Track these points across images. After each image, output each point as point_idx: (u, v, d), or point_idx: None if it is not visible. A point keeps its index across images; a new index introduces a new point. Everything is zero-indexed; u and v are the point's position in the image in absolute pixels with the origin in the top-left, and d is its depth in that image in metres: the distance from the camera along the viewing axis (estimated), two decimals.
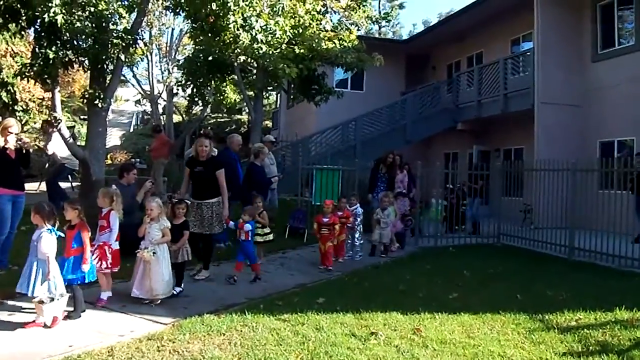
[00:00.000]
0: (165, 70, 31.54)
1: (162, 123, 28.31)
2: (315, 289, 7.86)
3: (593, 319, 6.55)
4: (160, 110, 31.38)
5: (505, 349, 5.34)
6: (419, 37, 25.55)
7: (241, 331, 5.59)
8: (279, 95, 30.51)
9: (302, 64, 14.16)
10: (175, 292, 6.94)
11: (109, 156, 24.77)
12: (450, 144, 22.98)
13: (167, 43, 31.98)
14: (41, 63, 10.01)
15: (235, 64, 14.52)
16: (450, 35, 22.85)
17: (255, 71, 16.37)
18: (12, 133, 7.36)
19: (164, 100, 30.91)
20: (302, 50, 14.21)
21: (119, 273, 6.79)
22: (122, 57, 10.75)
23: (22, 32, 11.27)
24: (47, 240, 5.60)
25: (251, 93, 17.01)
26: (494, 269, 9.83)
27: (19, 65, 11.13)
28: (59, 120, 10.75)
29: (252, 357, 4.87)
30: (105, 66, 10.60)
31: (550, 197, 12.15)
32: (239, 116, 36.31)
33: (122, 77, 27.55)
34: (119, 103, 44.50)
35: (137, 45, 11.63)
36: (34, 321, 5.56)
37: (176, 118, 32.58)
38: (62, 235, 5.85)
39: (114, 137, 35.70)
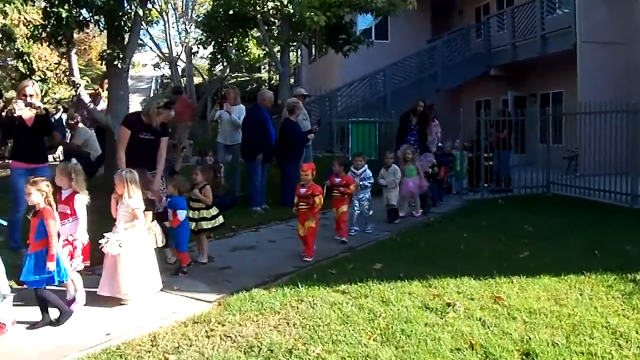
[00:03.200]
0: (182, 32, 30.62)
1: (183, 85, 27.53)
2: (367, 252, 7.19)
3: None
4: (180, 73, 30.57)
5: (606, 318, 4.60)
6: None
7: (297, 308, 4.92)
8: (298, 50, 29.53)
9: (329, 11, 13.24)
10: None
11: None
12: (482, 91, 21.93)
13: (183, 2, 30.92)
14: (54, 23, 9.21)
15: (259, 16, 13.62)
16: None
17: (279, 23, 15.46)
18: (27, 97, 6.50)
19: (183, 62, 30.06)
20: None
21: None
22: (140, 12, 9.86)
23: None
24: None
25: (276, 48, 16.12)
26: (554, 221, 9.08)
27: (30, 28, 10.26)
28: (78, 85, 10.03)
29: (317, 341, 4.19)
30: (122, 23, 9.73)
31: (599, 142, 11.32)
32: (258, 74, 35.45)
33: (140, 40, 26.83)
34: (137, 69, 43.64)
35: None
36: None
37: (196, 80, 31.80)
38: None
39: (134, 103, 34.94)
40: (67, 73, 11.71)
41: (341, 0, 13.62)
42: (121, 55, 9.81)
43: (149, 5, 10.66)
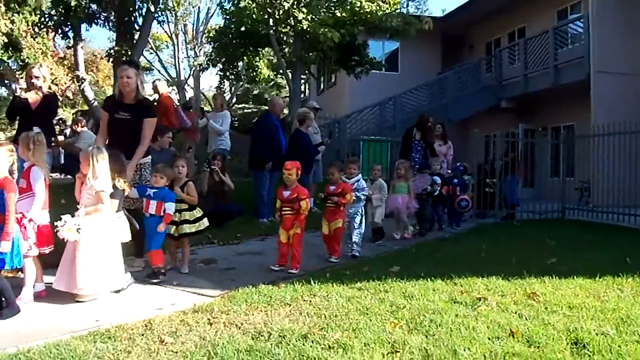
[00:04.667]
0: (191, 56, 30.62)
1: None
2: (381, 259, 6.67)
3: None
4: (187, 99, 30.55)
5: None
6: (456, 14, 23.99)
7: (310, 301, 4.43)
8: (306, 84, 29.41)
9: (343, 28, 13.01)
10: (123, 287, 4.85)
11: None
12: (491, 125, 21.45)
13: (193, 24, 31.11)
14: (62, 11, 8.89)
15: (271, 32, 13.40)
16: (489, 10, 21.32)
17: (291, 41, 15.26)
18: (32, 79, 6.13)
19: (191, 88, 29.97)
20: (343, 14, 13.04)
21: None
22: (152, 7, 9.51)
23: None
24: None
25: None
26: (577, 237, 8.63)
27: (36, 14, 9.81)
28: (82, 80, 9.70)
29: (335, 328, 3.71)
30: (132, 19, 9.42)
31: (614, 169, 10.96)
32: (265, 107, 35.39)
33: (147, 63, 26.61)
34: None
35: None
36: None
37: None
38: None
39: None
40: (72, 68, 11.38)
41: (355, 18, 13.42)
42: (129, 53, 9.48)
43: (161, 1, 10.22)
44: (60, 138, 10.04)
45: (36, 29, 14.71)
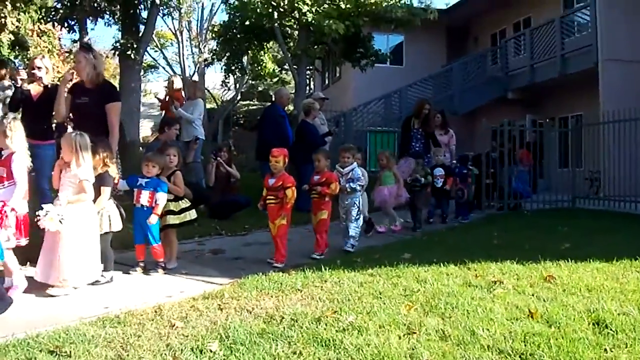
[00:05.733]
0: (195, 54, 30.59)
1: None
2: (391, 248, 6.53)
3: None
4: None
5: None
6: (460, 6, 23.86)
7: (322, 287, 4.36)
8: (311, 79, 29.33)
9: (348, 20, 12.94)
10: (101, 280, 4.65)
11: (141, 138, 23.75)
12: (498, 116, 21.20)
13: (197, 21, 31.11)
14: (67, 5, 8.84)
15: (276, 24, 13.33)
16: (493, 1, 21.20)
17: (296, 34, 15.20)
18: (34, 69, 6.06)
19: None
20: (347, 6, 12.98)
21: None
22: (157, 0, 9.47)
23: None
24: None
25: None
26: (589, 225, 8.47)
27: (39, 13, 9.71)
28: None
29: (348, 312, 3.63)
30: (137, 11, 9.36)
31: (624, 158, 10.76)
32: (270, 103, 35.34)
33: (153, 60, 26.54)
34: (149, 96, 43.64)
35: None
36: None
37: (209, 105, 31.71)
38: None
39: (145, 128, 34.91)
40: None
41: (359, 10, 13.34)
42: (135, 46, 9.39)
43: None
44: (69, 130, 9.98)
45: (42, 27, 14.76)
